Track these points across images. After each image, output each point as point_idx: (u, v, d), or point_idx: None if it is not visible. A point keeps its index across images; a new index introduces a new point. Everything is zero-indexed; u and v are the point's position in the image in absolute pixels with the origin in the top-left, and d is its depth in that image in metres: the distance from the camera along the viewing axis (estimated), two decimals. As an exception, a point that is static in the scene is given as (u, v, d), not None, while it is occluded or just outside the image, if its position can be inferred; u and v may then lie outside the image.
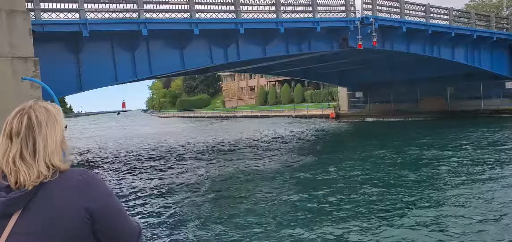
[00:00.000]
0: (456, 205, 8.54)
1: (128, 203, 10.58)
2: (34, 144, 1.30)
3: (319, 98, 61.90)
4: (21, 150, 1.29)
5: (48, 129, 1.33)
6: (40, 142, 1.31)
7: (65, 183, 1.31)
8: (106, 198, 1.35)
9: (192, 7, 17.18)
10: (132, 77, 18.15)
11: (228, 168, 15.71)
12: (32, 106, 1.36)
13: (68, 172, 1.34)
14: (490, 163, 13.00)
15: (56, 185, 1.29)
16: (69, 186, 1.30)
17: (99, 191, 1.34)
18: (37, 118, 1.33)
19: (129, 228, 1.40)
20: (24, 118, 1.32)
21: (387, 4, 23.70)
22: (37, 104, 1.38)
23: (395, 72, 33.75)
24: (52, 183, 1.29)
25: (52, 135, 1.34)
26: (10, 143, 1.30)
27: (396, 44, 24.58)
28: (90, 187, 1.33)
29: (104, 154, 23.65)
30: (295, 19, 20.30)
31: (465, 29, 27.03)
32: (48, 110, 1.37)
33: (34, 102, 1.38)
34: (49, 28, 14.56)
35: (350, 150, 18.40)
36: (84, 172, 1.36)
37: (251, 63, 27.03)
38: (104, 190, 1.36)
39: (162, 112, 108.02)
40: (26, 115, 1.32)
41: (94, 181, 1.35)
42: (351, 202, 9.29)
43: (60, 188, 1.29)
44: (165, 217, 9.22)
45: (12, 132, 1.30)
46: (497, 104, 31.83)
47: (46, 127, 1.33)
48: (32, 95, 11.66)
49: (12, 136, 1.30)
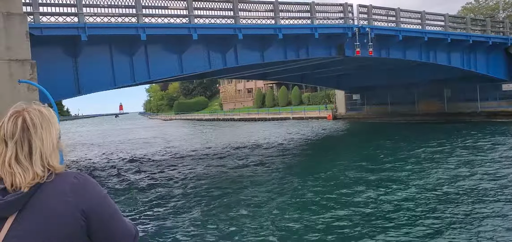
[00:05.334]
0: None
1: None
2: (29, 146, 1.29)
3: (316, 100, 62.03)
4: (16, 153, 1.28)
5: (44, 131, 1.32)
6: (37, 143, 1.30)
7: (60, 185, 1.30)
8: (101, 200, 1.35)
9: (191, 12, 17.20)
10: (130, 81, 18.09)
11: (227, 172, 15.77)
12: (26, 109, 1.34)
13: (63, 174, 1.34)
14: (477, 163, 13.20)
15: (51, 187, 1.29)
16: (64, 188, 1.30)
17: (94, 192, 1.34)
18: (32, 120, 1.32)
19: (125, 230, 1.39)
20: (18, 121, 1.31)
21: (383, 13, 23.87)
22: (31, 106, 1.36)
23: (392, 76, 33.87)
24: (47, 186, 1.28)
25: (48, 136, 1.33)
26: (5, 146, 1.29)
27: (393, 52, 24.74)
28: (85, 189, 1.32)
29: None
30: (294, 25, 20.35)
31: (461, 34, 27.16)
32: (42, 113, 1.36)
33: (27, 105, 1.36)
34: (47, 32, 14.52)
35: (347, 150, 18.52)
36: (79, 174, 1.35)
37: (249, 69, 27.08)
38: (99, 191, 1.36)
39: (159, 115, 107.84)
40: (20, 118, 1.31)
41: (89, 182, 1.35)
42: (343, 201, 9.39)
43: (55, 191, 1.29)
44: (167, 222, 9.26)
45: (6, 135, 1.29)
46: (494, 107, 31.98)
47: (41, 128, 1.32)
48: (29, 98, 11.62)
49: (6, 139, 1.29)
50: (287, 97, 70.88)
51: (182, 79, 46.14)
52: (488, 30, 29.32)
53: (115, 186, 14.45)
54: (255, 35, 19.29)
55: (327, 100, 57.02)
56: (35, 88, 11.83)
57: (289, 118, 52.51)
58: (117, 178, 16.11)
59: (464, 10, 58.14)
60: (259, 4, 19.40)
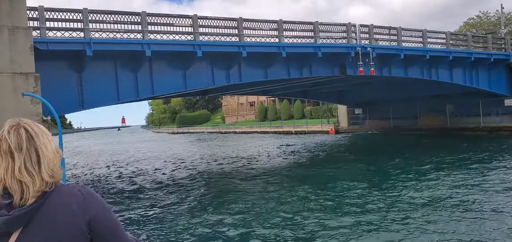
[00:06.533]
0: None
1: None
2: (37, 155, 1.31)
3: (318, 114, 62.08)
4: (25, 163, 1.29)
5: (45, 139, 1.35)
6: (43, 150, 1.32)
7: (65, 199, 1.31)
8: (105, 213, 1.36)
9: (196, 29, 17.38)
10: (134, 97, 18.21)
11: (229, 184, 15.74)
12: (22, 121, 1.36)
13: (68, 188, 1.36)
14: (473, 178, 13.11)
15: (56, 201, 1.30)
16: (69, 202, 1.31)
17: (98, 206, 1.36)
18: (33, 130, 1.34)
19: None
20: (21, 132, 1.32)
21: (385, 32, 24.05)
22: (24, 119, 1.38)
23: (394, 91, 33.96)
24: (52, 200, 1.30)
25: (49, 144, 1.36)
26: (11, 158, 1.29)
27: (394, 70, 24.88)
28: (90, 202, 1.34)
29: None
30: (297, 44, 20.51)
31: (462, 52, 27.26)
32: (38, 125, 1.38)
33: (20, 119, 1.37)
34: (53, 46, 14.69)
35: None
36: (83, 188, 1.37)
37: (251, 86, 27.19)
38: (103, 205, 1.38)
39: (161, 128, 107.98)
40: (22, 129, 1.32)
41: (93, 196, 1.37)
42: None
43: (60, 204, 1.30)
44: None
45: (12, 147, 1.29)
46: (497, 122, 31.97)
47: (43, 137, 1.35)
48: (32, 111, 11.69)
49: (12, 150, 1.29)
50: (289, 111, 70.99)
51: (185, 96, 46.39)
52: (489, 47, 29.45)
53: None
54: (259, 53, 19.46)
55: (329, 114, 57.06)
56: (39, 101, 11.90)
57: (291, 132, 52.50)
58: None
59: (466, 25, 58.38)
60: (263, 23, 19.61)
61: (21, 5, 12.50)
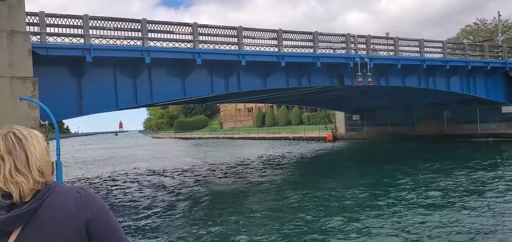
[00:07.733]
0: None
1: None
2: (25, 155, 1.34)
3: (316, 120, 62.19)
4: (15, 164, 1.31)
5: (33, 140, 1.38)
6: (31, 150, 1.35)
7: (64, 199, 1.33)
8: (104, 214, 1.37)
9: (196, 37, 17.43)
10: (132, 103, 18.17)
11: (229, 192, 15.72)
12: (13, 128, 1.39)
13: (67, 188, 1.38)
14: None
15: (55, 201, 1.31)
16: (68, 202, 1.32)
17: (97, 207, 1.37)
18: (21, 133, 1.37)
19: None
20: (9, 136, 1.35)
21: (382, 42, 24.21)
22: (15, 126, 1.41)
23: (392, 98, 34.09)
24: (51, 200, 1.31)
25: (37, 145, 1.38)
26: (2, 161, 1.32)
27: (392, 79, 25.04)
28: (88, 203, 1.35)
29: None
30: (296, 54, 20.60)
31: (459, 60, 27.44)
32: (28, 129, 1.41)
33: (10, 126, 1.40)
34: (53, 52, 14.70)
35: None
36: (82, 189, 1.39)
37: (250, 94, 27.21)
38: (102, 206, 1.38)
39: (159, 133, 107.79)
40: (10, 134, 1.36)
41: (92, 197, 1.38)
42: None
43: (59, 204, 1.31)
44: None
45: (1, 152, 1.32)
46: (494, 129, 32.14)
47: (31, 138, 1.38)
48: (29, 115, 11.65)
49: (2, 154, 1.32)
50: (287, 117, 71.07)
51: (184, 103, 46.33)
52: (486, 55, 29.64)
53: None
54: (258, 62, 19.50)
55: (327, 121, 57.12)
56: (36, 105, 11.86)
57: (289, 137, 52.51)
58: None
59: (463, 32, 58.68)
60: (263, 32, 19.69)
61: (19, 10, 12.47)
